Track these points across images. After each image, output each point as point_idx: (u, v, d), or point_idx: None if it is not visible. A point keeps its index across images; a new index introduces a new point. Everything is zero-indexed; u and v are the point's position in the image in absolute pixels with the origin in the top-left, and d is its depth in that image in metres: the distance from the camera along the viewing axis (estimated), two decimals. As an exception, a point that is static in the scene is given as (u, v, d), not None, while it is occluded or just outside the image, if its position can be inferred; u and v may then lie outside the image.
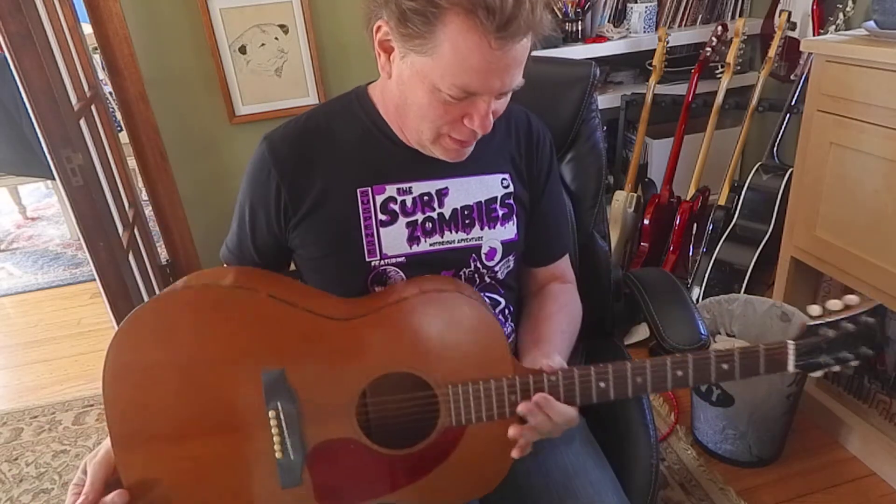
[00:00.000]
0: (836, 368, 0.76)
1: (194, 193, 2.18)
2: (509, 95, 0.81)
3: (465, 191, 0.90)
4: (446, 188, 0.89)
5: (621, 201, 2.19)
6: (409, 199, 0.88)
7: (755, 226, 1.94)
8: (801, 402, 1.66)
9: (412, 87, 0.78)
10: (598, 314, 1.21)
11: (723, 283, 1.97)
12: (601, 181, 1.20)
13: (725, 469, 1.63)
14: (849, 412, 1.68)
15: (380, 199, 0.87)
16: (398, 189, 0.88)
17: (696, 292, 2.00)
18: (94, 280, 1.69)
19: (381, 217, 0.87)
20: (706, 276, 1.99)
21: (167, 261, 2.32)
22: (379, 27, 0.77)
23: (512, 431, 0.76)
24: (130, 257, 1.83)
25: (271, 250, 0.92)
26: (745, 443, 1.60)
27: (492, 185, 0.92)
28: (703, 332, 0.97)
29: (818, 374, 0.77)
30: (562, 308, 0.98)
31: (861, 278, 1.47)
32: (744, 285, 1.92)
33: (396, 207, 0.88)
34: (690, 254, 2.16)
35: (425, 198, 0.89)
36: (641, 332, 2.08)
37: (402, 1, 0.71)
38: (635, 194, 2.20)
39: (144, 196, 2.37)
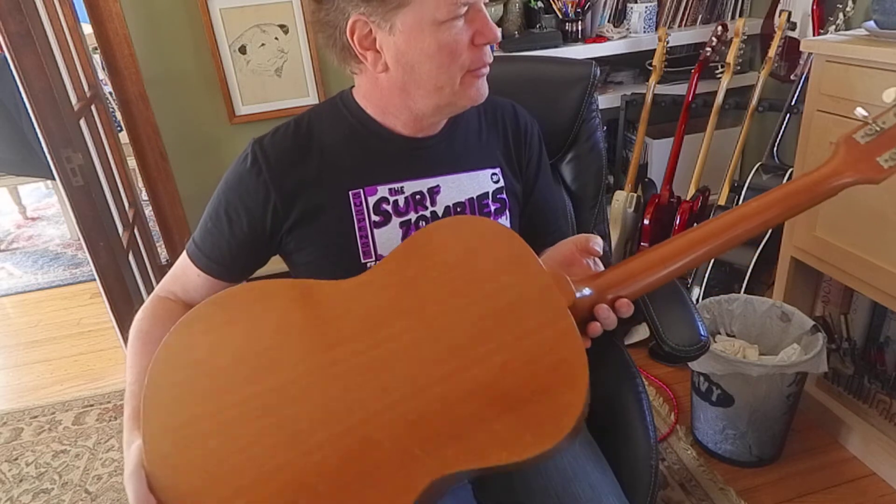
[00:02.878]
0: None
1: (194, 193, 2.19)
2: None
3: (457, 188, 0.91)
4: (438, 186, 0.90)
5: (621, 201, 2.19)
6: (401, 199, 0.88)
7: (755, 226, 1.94)
8: (801, 402, 1.66)
9: (416, 44, 0.77)
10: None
11: (723, 283, 1.97)
12: (601, 181, 1.20)
13: (725, 469, 1.63)
14: (849, 412, 1.68)
15: (372, 200, 0.87)
16: (390, 189, 0.88)
17: (696, 292, 2.00)
18: (94, 280, 1.69)
19: (375, 218, 0.87)
20: (706, 276, 1.99)
21: (167, 261, 2.33)
22: (353, 25, 0.77)
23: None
24: (130, 257, 1.83)
25: (247, 253, 0.90)
26: (745, 443, 1.60)
27: (482, 181, 0.92)
28: (702, 332, 0.97)
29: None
30: None
31: (861, 278, 1.47)
32: (744, 285, 1.92)
33: (389, 208, 0.88)
34: (690, 254, 2.16)
35: (417, 197, 0.89)
36: (641, 332, 2.08)
37: None
38: (635, 194, 2.20)
39: (144, 196, 2.37)
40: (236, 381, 0.67)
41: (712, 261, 1.99)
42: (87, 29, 2.04)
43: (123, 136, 2.17)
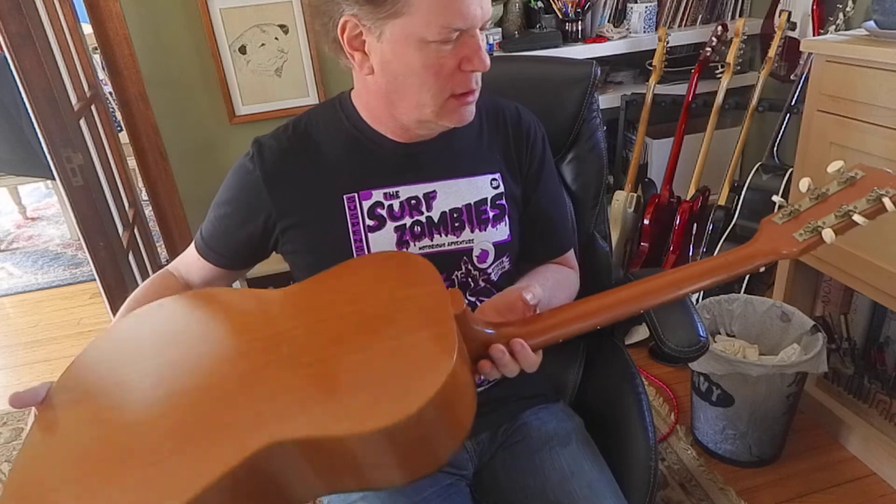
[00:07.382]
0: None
1: (194, 193, 2.18)
2: (485, 38, 0.81)
3: (454, 193, 0.90)
4: (434, 191, 0.89)
5: (621, 201, 2.19)
6: (396, 204, 0.88)
7: (755, 226, 1.91)
8: (801, 402, 1.66)
9: (401, 57, 0.77)
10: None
11: (723, 283, 1.97)
12: (602, 181, 1.20)
13: (725, 469, 1.63)
14: (849, 412, 1.68)
15: (366, 204, 0.87)
16: (385, 194, 0.88)
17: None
18: (94, 280, 1.69)
19: (369, 223, 0.87)
20: (706, 276, 1.99)
21: (167, 261, 2.32)
22: (344, 24, 0.78)
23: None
24: (130, 257, 1.83)
25: (244, 247, 0.93)
26: (745, 443, 1.60)
27: (481, 187, 0.91)
28: (701, 333, 0.97)
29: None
30: (548, 269, 0.99)
31: (861, 278, 1.47)
32: (744, 285, 1.92)
33: (384, 212, 0.88)
34: (690, 254, 2.16)
35: (413, 202, 0.89)
36: (642, 332, 2.08)
37: None
38: (635, 194, 2.20)
39: (144, 196, 2.37)
40: (147, 357, 0.76)
41: (712, 261, 1.99)
42: (87, 29, 2.04)
43: (123, 136, 2.17)
